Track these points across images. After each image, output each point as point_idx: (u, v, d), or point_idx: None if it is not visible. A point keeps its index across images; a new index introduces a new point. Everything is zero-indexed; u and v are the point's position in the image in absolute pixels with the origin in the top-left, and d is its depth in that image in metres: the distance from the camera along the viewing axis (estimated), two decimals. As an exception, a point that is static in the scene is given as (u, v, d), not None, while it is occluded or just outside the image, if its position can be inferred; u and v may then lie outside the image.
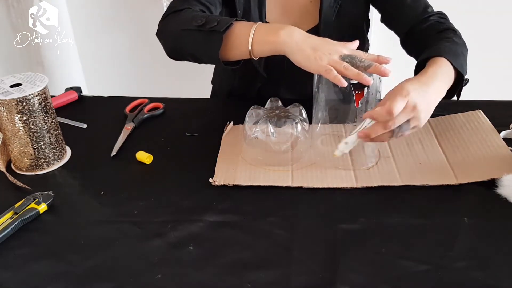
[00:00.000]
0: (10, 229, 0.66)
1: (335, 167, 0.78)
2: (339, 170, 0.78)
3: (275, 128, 0.79)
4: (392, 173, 0.77)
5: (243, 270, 0.60)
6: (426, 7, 0.93)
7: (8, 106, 0.74)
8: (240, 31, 0.78)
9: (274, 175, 0.77)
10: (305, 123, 0.81)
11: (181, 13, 0.86)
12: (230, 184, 0.75)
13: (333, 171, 0.78)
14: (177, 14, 0.86)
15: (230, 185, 0.75)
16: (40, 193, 0.72)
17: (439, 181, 0.74)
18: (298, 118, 0.81)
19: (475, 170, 0.76)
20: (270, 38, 0.76)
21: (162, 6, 1.61)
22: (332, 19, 0.97)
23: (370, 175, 0.76)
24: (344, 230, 0.66)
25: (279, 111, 0.81)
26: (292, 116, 0.80)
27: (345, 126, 0.89)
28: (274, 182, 0.75)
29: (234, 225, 0.68)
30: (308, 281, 0.58)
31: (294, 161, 0.80)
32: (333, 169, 0.78)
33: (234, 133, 0.89)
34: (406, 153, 0.82)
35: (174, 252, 0.63)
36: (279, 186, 0.75)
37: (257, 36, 0.77)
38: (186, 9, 0.86)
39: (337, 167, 0.78)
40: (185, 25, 0.82)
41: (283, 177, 0.76)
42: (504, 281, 0.58)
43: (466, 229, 0.66)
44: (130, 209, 0.71)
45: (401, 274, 0.59)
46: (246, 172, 0.78)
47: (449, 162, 0.79)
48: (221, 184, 0.75)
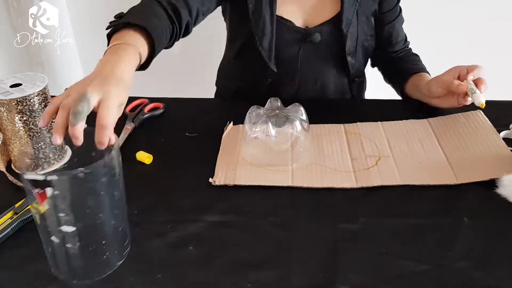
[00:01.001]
0: (10, 229, 0.66)
1: (335, 169, 0.78)
2: (339, 169, 0.78)
3: (275, 128, 0.79)
4: (392, 173, 0.77)
5: (243, 270, 0.60)
6: (404, 40, 1.11)
7: (8, 106, 0.74)
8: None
9: (274, 175, 0.77)
10: (305, 123, 0.81)
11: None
12: (230, 184, 0.75)
13: (333, 171, 0.78)
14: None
15: (230, 185, 0.75)
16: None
17: (439, 181, 0.74)
18: (298, 118, 0.81)
19: (475, 170, 0.76)
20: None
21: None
22: (352, 14, 1.00)
23: (370, 175, 0.76)
24: (344, 230, 0.66)
25: (279, 111, 0.81)
26: (292, 116, 0.80)
27: (345, 125, 0.90)
28: (274, 182, 0.75)
29: (234, 225, 0.68)
30: (308, 281, 0.58)
31: (294, 161, 0.80)
32: (333, 169, 0.78)
33: (234, 133, 0.89)
34: (405, 153, 0.82)
35: (174, 252, 0.63)
36: (279, 186, 0.75)
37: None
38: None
39: (336, 169, 0.78)
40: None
41: (283, 177, 0.76)
42: (504, 281, 0.58)
43: (466, 229, 0.66)
44: (130, 209, 0.71)
45: (401, 274, 0.59)
46: (246, 172, 0.78)
47: (449, 162, 0.79)
48: (221, 184, 0.75)
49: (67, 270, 0.59)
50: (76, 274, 0.59)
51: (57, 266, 0.60)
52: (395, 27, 1.07)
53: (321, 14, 1.01)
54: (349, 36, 1.00)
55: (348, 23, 0.99)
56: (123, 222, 0.63)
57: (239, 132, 0.88)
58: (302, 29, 1.01)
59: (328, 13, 1.01)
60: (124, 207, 0.62)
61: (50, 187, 0.52)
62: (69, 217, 0.55)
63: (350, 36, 1.01)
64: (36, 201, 0.54)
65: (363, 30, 1.02)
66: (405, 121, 0.91)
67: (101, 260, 0.60)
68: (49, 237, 0.57)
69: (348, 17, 0.99)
